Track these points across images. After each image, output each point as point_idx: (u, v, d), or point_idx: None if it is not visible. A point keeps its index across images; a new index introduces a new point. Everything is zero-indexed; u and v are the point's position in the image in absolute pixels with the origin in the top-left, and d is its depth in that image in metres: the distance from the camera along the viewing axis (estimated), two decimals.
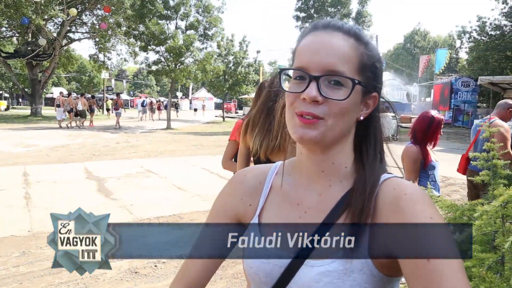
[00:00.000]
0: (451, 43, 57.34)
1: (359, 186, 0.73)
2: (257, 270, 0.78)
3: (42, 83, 27.75)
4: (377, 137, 0.80)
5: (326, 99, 0.69)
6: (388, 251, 0.68)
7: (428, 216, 0.66)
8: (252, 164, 2.40)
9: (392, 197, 0.70)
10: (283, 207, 0.81)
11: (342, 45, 0.71)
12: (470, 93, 26.34)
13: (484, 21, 29.04)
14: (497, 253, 1.27)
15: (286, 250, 0.74)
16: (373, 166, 0.76)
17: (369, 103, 0.77)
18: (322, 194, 0.78)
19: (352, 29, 0.74)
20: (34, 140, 13.78)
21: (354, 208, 0.72)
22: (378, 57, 0.77)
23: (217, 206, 0.90)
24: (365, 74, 0.73)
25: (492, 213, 1.17)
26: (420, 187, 0.72)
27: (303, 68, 0.71)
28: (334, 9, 29.53)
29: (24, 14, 22.30)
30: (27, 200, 6.09)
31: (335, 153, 0.76)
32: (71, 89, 62.48)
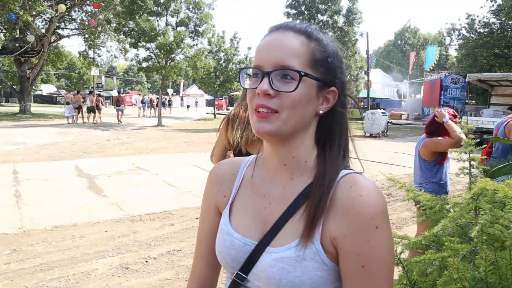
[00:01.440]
0: (441, 40, 57.82)
1: (319, 181, 0.78)
2: (225, 255, 0.84)
3: (30, 80, 27.40)
4: (342, 134, 0.83)
5: (277, 92, 0.74)
6: (335, 244, 0.75)
7: (375, 224, 0.72)
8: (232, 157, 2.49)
9: (347, 195, 0.75)
10: (252, 198, 0.87)
11: (292, 42, 0.76)
12: (459, 90, 26.68)
13: (473, 19, 29.35)
14: (471, 243, 1.34)
15: (251, 238, 0.82)
16: (334, 162, 0.80)
17: (328, 98, 0.80)
18: (285, 187, 0.83)
19: (303, 27, 0.79)
20: (24, 138, 13.66)
21: (311, 201, 0.76)
22: (333, 53, 0.80)
23: (203, 203, 0.97)
24: (318, 68, 0.77)
25: (464, 205, 1.24)
26: (376, 187, 0.75)
27: (258, 66, 0.77)
28: (325, 6, 29.52)
29: (11, 10, 21.98)
30: (17, 198, 6.07)
31: (294, 146, 0.80)
32: (61, 86, 61.82)
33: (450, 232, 1.60)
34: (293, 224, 0.78)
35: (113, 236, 4.56)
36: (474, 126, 1.96)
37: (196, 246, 0.96)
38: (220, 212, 0.92)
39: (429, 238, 1.41)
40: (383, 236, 0.72)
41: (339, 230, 0.74)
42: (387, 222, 0.74)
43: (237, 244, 0.83)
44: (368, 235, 0.71)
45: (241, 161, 0.95)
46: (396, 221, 5.30)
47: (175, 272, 3.71)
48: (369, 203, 0.73)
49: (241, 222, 0.86)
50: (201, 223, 0.96)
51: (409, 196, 1.92)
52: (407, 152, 12.09)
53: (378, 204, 0.73)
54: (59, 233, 4.62)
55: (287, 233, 0.78)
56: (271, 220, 0.81)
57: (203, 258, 0.93)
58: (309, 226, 0.75)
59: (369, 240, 0.71)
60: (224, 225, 0.87)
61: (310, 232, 0.75)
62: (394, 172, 8.64)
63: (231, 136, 2.38)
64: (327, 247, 0.75)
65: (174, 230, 4.84)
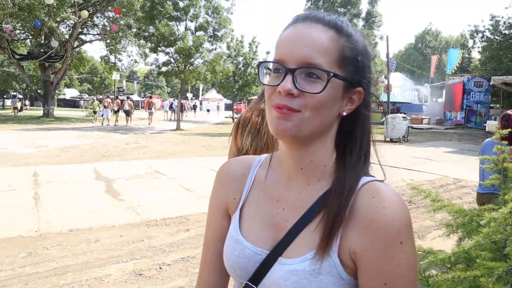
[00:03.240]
0: (463, 42, 56.59)
1: (337, 188, 0.71)
2: (233, 263, 0.78)
3: (54, 84, 28.10)
4: (363, 137, 0.76)
5: (301, 92, 0.67)
6: (354, 259, 0.68)
7: (399, 239, 0.65)
8: None
9: (369, 206, 0.68)
10: (263, 202, 0.80)
11: (320, 37, 0.68)
12: (483, 93, 25.98)
13: (497, 20, 28.54)
14: (507, 262, 1.21)
15: (262, 247, 0.76)
16: (354, 167, 0.73)
17: (353, 99, 0.73)
18: (301, 192, 0.76)
19: (333, 20, 0.71)
20: (45, 141, 13.92)
21: (329, 210, 0.70)
22: (363, 50, 0.73)
23: (210, 204, 0.89)
24: (346, 67, 0.70)
25: (501, 220, 1.11)
26: (400, 198, 0.68)
27: (280, 61, 0.69)
28: (344, 9, 29.33)
29: (37, 17, 22.59)
30: (36, 200, 6.13)
31: (314, 150, 0.74)
32: (83, 90, 63.17)
33: (481, 247, 1.46)
34: (308, 234, 0.71)
35: (127, 241, 4.53)
36: (507, 131, 1.80)
37: (203, 251, 0.88)
38: (229, 215, 0.85)
39: (459, 255, 1.28)
40: (408, 252, 0.66)
41: (360, 243, 0.67)
42: (412, 237, 0.68)
43: (247, 252, 0.76)
44: (392, 251, 0.65)
45: (252, 160, 0.87)
46: (418, 230, 5.10)
47: (189, 279, 3.63)
48: (393, 216, 0.66)
49: (252, 229, 0.79)
50: (208, 226, 0.88)
51: (434, 206, 1.79)
52: (428, 158, 11.78)
53: (403, 218, 0.66)
54: (75, 236, 4.61)
55: (302, 244, 0.71)
56: (284, 228, 0.74)
57: (211, 264, 0.86)
58: (326, 238, 0.68)
59: (393, 256, 0.65)
60: (234, 232, 0.80)
61: (328, 245, 0.68)
62: (415, 178, 8.39)
63: (240, 142, 2.29)
64: (345, 261, 0.69)
65: (189, 236, 4.77)
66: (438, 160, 11.55)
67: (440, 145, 15.71)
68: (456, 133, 21.82)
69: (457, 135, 20.55)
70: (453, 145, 15.97)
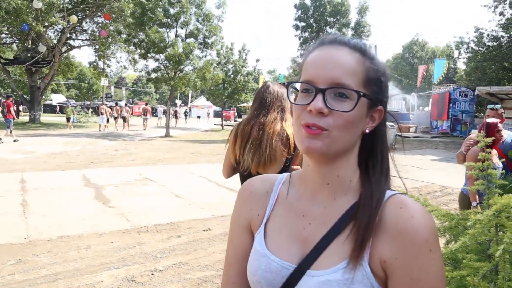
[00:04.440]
0: (449, 53, 57.70)
1: (366, 201, 0.75)
2: (259, 278, 0.79)
3: (41, 90, 27.79)
4: (383, 153, 0.81)
5: (331, 111, 0.71)
6: (385, 268, 0.71)
7: (428, 247, 0.69)
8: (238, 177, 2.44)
9: (397, 216, 0.72)
10: (288, 217, 0.82)
11: (348, 59, 0.73)
12: (468, 103, 26.46)
13: (481, 32, 29.27)
14: (491, 261, 1.28)
15: (289, 260, 0.77)
16: (378, 182, 0.78)
17: (374, 117, 0.78)
18: (327, 206, 0.78)
19: (358, 44, 0.76)
20: (32, 147, 13.76)
21: (359, 222, 0.73)
22: (384, 71, 0.78)
23: (233, 222, 0.91)
24: (371, 87, 0.75)
25: (486, 222, 1.18)
26: (425, 209, 0.73)
27: (310, 81, 0.73)
28: (334, 19, 29.73)
29: (25, 21, 22.39)
30: (24, 207, 6.07)
31: (340, 165, 0.77)
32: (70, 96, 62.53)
33: (467, 249, 1.54)
34: (338, 246, 0.74)
35: (119, 247, 4.52)
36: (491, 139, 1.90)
37: (225, 270, 0.89)
38: (252, 232, 0.87)
39: (446, 256, 1.35)
40: (436, 259, 0.70)
41: (390, 252, 0.70)
42: (439, 245, 0.72)
43: (274, 267, 0.77)
44: (422, 259, 0.69)
45: (275, 178, 0.90)
46: None
47: (181, 285, 3.64)
48: (422, 225, 0.70)
49: (277, 243, 0.80)
50: (230, 243, 0.89)
51: None
52: (415, 165, 11.96)
53: (431, 227, 0.71)
54: (65, 243, 4.59)
55: (332, 255, 0.74)
56: (312, 241, 0.77)
57: (233, 284, 0.86)
58: (358, 248, 0.71)
59: (423, 264, 0.69)
60: (259, 246, 0.81)
61: (360, 254, 0.71)
62: (403, 186, 8.51)
63: (239, 155, 2.31)
64: (375, 270, 0.71)
65: (180, 242, 4.78)
66: (425, 168, 11.74)
67: (427, 153, 15.97)
68: (442, 142, 22.19)
69: (443, 144, 20.89)
70: (440, 153, 16.25)
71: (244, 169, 2.28)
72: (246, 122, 2.32)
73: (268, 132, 2.20)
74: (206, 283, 3.69)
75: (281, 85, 2.41)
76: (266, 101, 2.30)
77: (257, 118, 2.27)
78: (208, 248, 4.59)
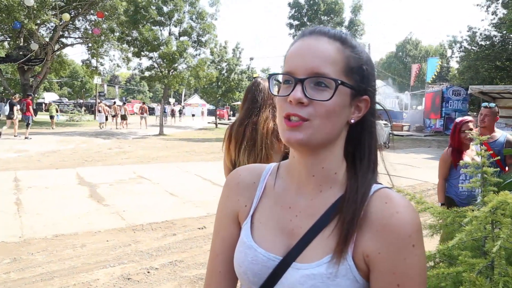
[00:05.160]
0: (442, 52, 58.06)
1: (351, 195, 0.75)
2: (245, 270, 0.79)
3: (33, 88, 27.51)
4: (371, 146, 0.80)
5: (311, 101, 0.71)
6: (368, 262, 0.72)
7: (412, 242, 0.69)
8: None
9: (382, 211, 0.72)
10: (275, 209, 0.82)
11: (327, 48, 0.73)
12: (461, 101, 26.69)
13: (474, 31, 29.52)
14: (487, 258, 1.30)
15: (275, 252, 0.78)
16: (365, 176, 0.77)
17: (360, 106, 0.77)
18: (313, 199, 0.79)
19: (338, 33, 0.76)
20: (25, 146, 13.65)
21: (344, 215, 0.73)
22: (367, 60, 0.77)
23: (219, 212, 0.91)
24: (353, 76, 0.74)
25: (482, 219, 1.21)
26: (410, 204, 0.73)
27: (290, 73, 0.74)
28: (327, 18, 29.80)
29: (16, 19, 22.15)
30: (18, 206, 6.03)
31: (324, 157, 0.77)
32: (63, 94, 62.05)
33: (462, 246, 1.56)
34: (323, 239, 0.74)
35: (114, 245, 4.51)
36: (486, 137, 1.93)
37: (211, 260, 0.89)
38: (239, 223, 0.87)
39: (443, 252, 1.38)
40: (419, 254, 0.70)
41: (373, 247, 0.71)
42: (422, 240, 0.72)
43: (260, 258, 0.78)
44: (405, 254, 0.69)
45: (262, 168, 0.90)
46: None
47: (177, 283, 3.65)
48: (406, 221, 0.70)
49: (264, 235, 0.81)
50: (216, 235, 0.89)
51: (418, 208, 1.88)
52: (409, 164, 12.05)
53: (415, 222, 0.71)
54: (60, 242, 4.57)
55: (317, 249, 0.74)
56: (298, 234, 0.77)
57: (220, 273, 0.86)
58: (342, 242, 0.71)
59: (406, 258, 0.69)
60: (246, 238, 0.82)
61: (344, 248, 0.71)
62: (397, 183, 8.56)
63: (234, 156, 2.31)
64: (359, 264, 0.72)
65: (176, 240, 4.79)
66: (418, 166, 11.84)
67: (420, 152, 16.08)
68: (435, 140, 22.36)
69: (436, 142, 21.06)
70: (433, 151, 16.36)
71: None
72: (239, 123, 2.30)
73: (262, 132, 2.21)
74: (202, 280, 3.70)
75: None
76: (257, 100, 2.30)
77: (250, 118, 2.26)
78: (204, 246, 4.60)
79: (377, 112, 0.82)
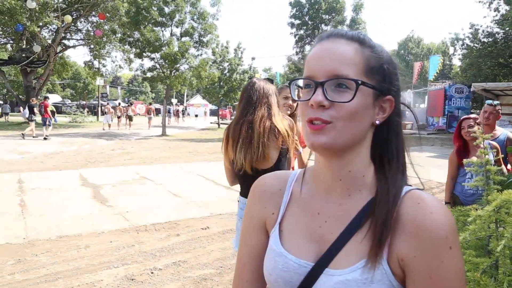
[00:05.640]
0: (444, 50, 57.90)
1: (382, 197, 0.73)
2: (276, 277, 0.78)
3: (36, 90, 27.63)
4: (399, 147, 0.79)
5: (332, 103, 0.70)
6: (402, 265, 0.70)
7: (448, 244, 0.67)
8: (236, 178, 2.45)
9: (415, 212, 0.70)
10: (303, 216, 0.81)
11: (345, 50, 0.72)
12: (464, 99, 26.57)
13: (476, 29, 29.38)
14: (491, 257, 1.30)
15: (306, 259, 0.76)
16: (395, 177, 0.76)
17: (384, 107, 0.76)
18: (342, 203, 0.77)
19: (356, 34, 0.75)
20: (29, 147, 13.71)
21: (377, 218, 0.71)
22: (388, 60, 0.76)
23: (246, 220, 0.89)
24: (374, 76, 0.73)
25: (486, 218, 1.20)
26: (444, 204, 0.71)
27: (310, 77, 0.73)
28: (329, 16, 29.74)
29: (19, 21, 22.26)
30: (22, 207, 6.05)
31: (350, 160, 0.75)
32: (66, 96, 62.23)
33: (466, 245, 1.55)
34: (355, 244, 0.72)
35: (118, 246, 4.52)
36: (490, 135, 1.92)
37: (238, 269, 0.87)
38: (266, 231, 0.85)
39: None
40: (457, 256, 0.68)
41: (408, 250, 0.69)
42: (459, 242, 0.69)
43: (291, 265, 0.76)
44: (442, 256, 0.67)
45: (287, 175, 0.89)
46: None
47: (181, 283, 3.66)
48: (441, 221, 0.68)
49: (293, 242, 0.79)
50: (243, 243, 0.88)
51: None
52: (413, 162, 12.00)
53: (450, 223, 0.68)
54: (64, 243, 4.59)
55: (350, 254, 0.72)
56: (329, 240, 0.75)
57: (247, 283, 0.85)
58: (377, 246, 0.69)
59: (443, 261, 0.67)
60: (275, 245, 0.80)
61: (379, 252, 0.69)
62: None
63: (232, 155, 2.31)
64: (394, 268, 0.70)
65: (179, 240, 4.79)
66: (421, 165, 11.65)
67: (423, 150, 16.03)
68: (439, 138, 22.29)
69: (439, 140, 21.00)
70: (436, 150, 16.32)
71: (239, 169, 2.29)
72: (235, 122, 2.33)
73: (259, 130, 2.22)
74: (205, 281, 3.71)
75: (267, 81, 2.43)
76: (253, 99, 2.31)
77: (245, 116, 2.28)
78: (207, 247, 4.60)
79: (402, 112, 0.81)
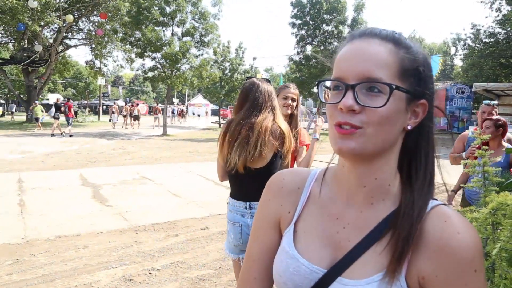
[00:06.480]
0: (446, 50, 57.79)
1: (406, 210, 0.69)
2: (286, 280, 0.75)
3: (38, 89, 27.72)
4: (428, 154, 0.74)
5: (363, 108, 0.66)
6: (422, 284, 0.67)
7: (473, 267, 0.64)
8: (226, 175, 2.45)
9: (442, 231, 0.67)
10: (320, 219, 0.77)
11: (379, 51, 0.67)
12: (465, 99, 26.52)
13: (478, 29, 29.32)
14: (487, 260, 1.28)
15: (319, 265, 0.73)
16: (421, 189, 0.71)
17: (417, 112, 0.71)
18: (364, 211, 0.73)
19: (390, 34, 0.70)
20: (29, 147, 13.72)
21: (399, 231, 0.67)
22: (423, 61, 0.71)
23: (259, 216, 0.86)
24: (408, 79, 0.68)
25: (482, 220, 1.18)
26: (471, 224, 0.68)
27: (339, 78, 0.69)
28: (330, 16, 29.68)
29: (20, 21, 22.31)
30: (22, 207, 6.05)
31: (378, 167, 0.71)
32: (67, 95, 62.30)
33: None
34: (374, 255, 0.69)
35: (116, 246, 4.51)
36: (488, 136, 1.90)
37: (246, 266, 0.84)
38: (280, 229, 0.82)
39: None
40: (481, 280, 0.65)
41: (430, 269, 0.66)
42: (483, 265, 0.67)
43: (302, 270, 0.73)
44: (466, 279, 0.64)
45: (307, 173, 0.84)
46: None
47: (179, 284, 3.64)
48: (468, 243, 0.65)
49: (307, 246, 0.76)
50: (255, 239, 0.84)
51: None
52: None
53: (477, 245, 0.65)
54: (63, 243, 4.58)
55: (367, 265, 0.69)
56: (345, 247, 0.72)
57: (255, 280, 0.82)
58: (397, 260, 0.66)
59: (467, 284, 0.64)
60: (288, 247, 0.77)
61: (398, 268, 0.66)
62: None
63: (227, 154, 2.30)
64: (412, 285, 0.67)
65: (178, 241, 4.78)
66: None
67: None
68: (440, 139, 22.05)
69: (440, 141, 20.80)
70: (437, 150, 16.27)
71: (231, 168, 2.28)
72: (237, 122, 2.31)
73: (260, 130, 2.21)
74: (204, 281, 3.69)
75: (267, 82, 2.43)
76: (258, 101, 2.31)
77: (249, 118, 2.26)
78: (206, 247, 4.59)
79: (434, 117, 0.76)
